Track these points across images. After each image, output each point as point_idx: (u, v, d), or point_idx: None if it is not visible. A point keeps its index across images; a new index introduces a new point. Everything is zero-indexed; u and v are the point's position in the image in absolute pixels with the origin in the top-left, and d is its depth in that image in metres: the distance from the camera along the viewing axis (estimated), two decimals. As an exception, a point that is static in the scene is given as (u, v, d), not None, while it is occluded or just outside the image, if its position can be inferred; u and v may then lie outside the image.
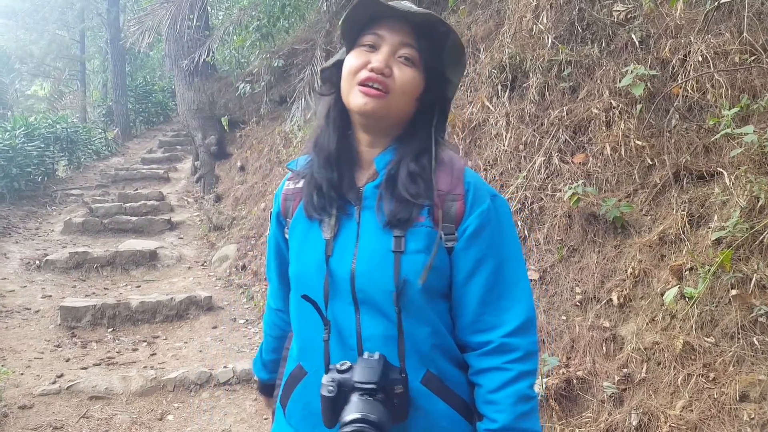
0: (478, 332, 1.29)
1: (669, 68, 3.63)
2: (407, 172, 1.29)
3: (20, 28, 18.77)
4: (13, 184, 9.28)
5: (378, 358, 1.23)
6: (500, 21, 5.22)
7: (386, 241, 1.27)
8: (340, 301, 1.29)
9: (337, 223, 1.31)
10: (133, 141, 15.85)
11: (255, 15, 9.56)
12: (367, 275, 1.27)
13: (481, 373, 1.28)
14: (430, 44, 1.31)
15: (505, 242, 1.32)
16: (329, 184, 1.33)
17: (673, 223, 3.11)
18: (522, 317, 1.28)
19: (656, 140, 3.52)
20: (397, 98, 1.28)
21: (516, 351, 1.26)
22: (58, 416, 3.72)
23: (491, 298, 1.29)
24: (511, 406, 1.24)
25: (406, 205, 1.27)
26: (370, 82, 1.26)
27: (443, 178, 1.31)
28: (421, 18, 1.27)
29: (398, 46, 1.29)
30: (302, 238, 1.37)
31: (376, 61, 1.27)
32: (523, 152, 4.17)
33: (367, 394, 1.19)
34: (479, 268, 1.28)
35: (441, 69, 1.34)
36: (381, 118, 1.30)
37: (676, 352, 2.71)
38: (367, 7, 1.27)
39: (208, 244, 8.23)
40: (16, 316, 5.34)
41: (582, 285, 3.35)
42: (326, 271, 1.30)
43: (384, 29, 1.29)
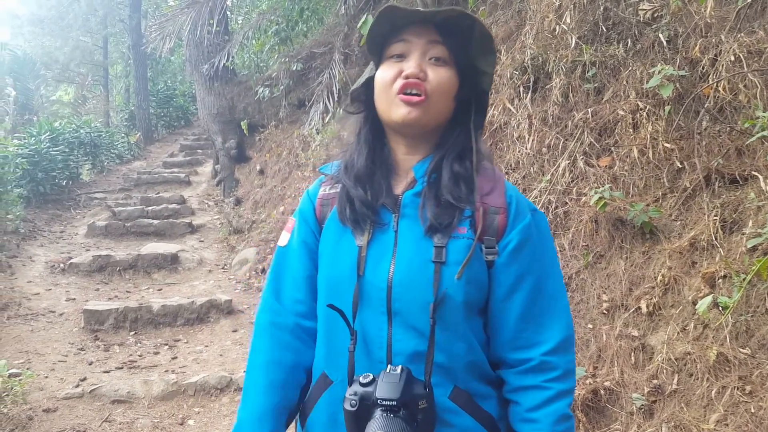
0: (518, 349, 1.27)
1: (698, 68, 3.52)
2: (450, 173, 1.27)
3: (46, 35, 19.07)
4: (38, 188, 9.40)
5: (400, 372, 1.17)
6: (521, 21, 5.15)
7: (427, 250, 1.24)
8: (371, 310, 1.25)
9: (371, 231, 1.28)
10: (155, 145, 15.99)
11: (274, 19, 9.58)
12: (405, 285, 1.23)
13: (520, 390, 1.26)
14: (458, 39, 1.27)
15: (545, 258, 1.30)
16: (361, 201, 1.30)
17: (705, 228, 3.01)
18: (562, 335, 1.27)
19: (686, 143, 3.42)
20: (435, 101, 1.26)
21: (556, 370, 1.25)
22: (81, 420, 3.73)
23: (532, 314, 1.27)
24: (551, 425, 1.22)
25: (449, 209, 1.24)
26: (409, 89, 1.24)
27: (485, 185, 1.29)
28: (444, 15, 1.24)
29: (427, 48, 1.26)
30: (334, 245, 1.32)
31: (409, 67, 1.25)
32: (546, 155, 4.09)
33: (389, 410, 1.14)
34: (520, 284, 1.26)
35: (472, 62, 1.30)
36: (424, 124, 1.28)
37: (709, 364, 2.62)
38: (388, 17, 1.25)
39: (228, 247, 8.25)
40: (41, 319, 5.38)
41: (609, 292, 3.26)
42: (357, 280, 1.26)
43: (409, 34, 1.27)
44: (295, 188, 7.91)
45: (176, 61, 19.46)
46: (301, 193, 7.51)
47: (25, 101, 14.35)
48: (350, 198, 1.31)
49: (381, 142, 1.36)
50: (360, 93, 1.39)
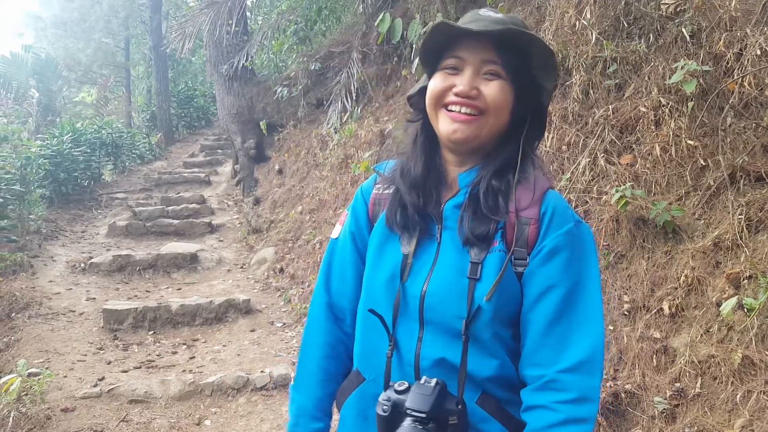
0: (534, 365, 1.21)
1: (723, 63, 3.43)
2: (488, 186, 1.25)
3: (69, 37, 19.32)
4: (60, 188, 9.52)
5: (434, 385, 1.17)
6: (541, 17, 5.07)
7: (463, 264, 1.23)
8: (406, 317, 1.26)
9: (417, 240, 1.28)
10: (176, 145, 16.12)
11: (293, 19, 9.59)
12: (437, 297, 1.23)
13: (529, 410, 1.20)
14: (515, 55, 1.24)
15: (582, 271, 1.22)
16: (414, 207, 1.29)
17: (729, 228, 2.92)
18: (584, 355, 1.17)
19: (709, 139, 3.33)
20: (490, 118, 1.24)
21: (569, 391, 1.15)
22: (99, 419, 3.75)
23: (555, 330, 1.19)
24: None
25: (484, 221, 1.23)
26: (456, 107, 1.23)
27: (524, 196, 1.25)
28: (498, 31, 1.20)
29: (481, 65, 1.24)
30: (378, 249, 1.33)
31: (461, 84, 1.22)
32: (566, 153, 4.02)
33: (419, 421, 1.14)
34: (546, 295, 1.21)
35: (531, 77, 1.27)
36: (472, 142, 1.26)
37: (734, 367, 2.54)
38: (443, 30, 1.24)
39: (247, 246, 8.28)
40: (61, 318, 5.44)
41: (630, 293, 3.19)
42: (399, 288, 1.27)
43: (464, 50, 1.24)
44: (313, 188, 7.91)
45: (197, 61, 19.63)
46: (319, 193, 7.52)
47: (48, 103, 14.55)
48: (403, 203, 1.30)
49: (435, 150, 1.34)
50: (418, 101, 1.37)
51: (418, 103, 1.37)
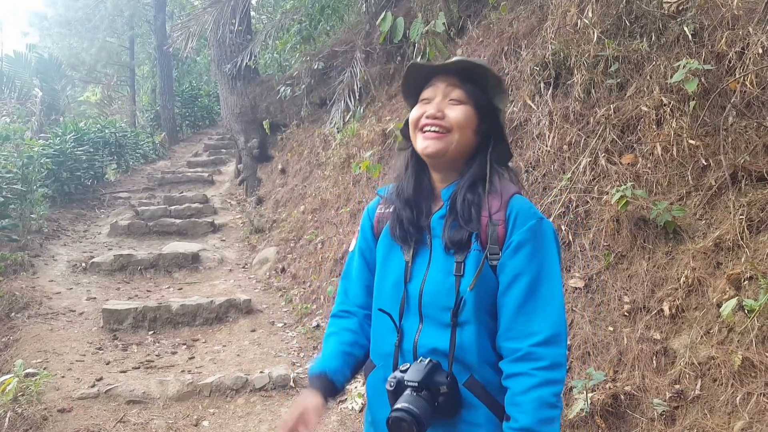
0: (510, 339, 1.46)
1: (725, 62, 3.39)
2: (463, 199, 1.52)
3: (73, 36, 19.33)
4: (63, 187, 9.53)
5: (427, 363, 1.46)
6: (543, 16, 5.04)
7: (449, 264, 1.50)
8: (409, 313, 1.56)
9: (414, 248, 1.57)
10: (180, 145, 16.15)
11: (296, 18, 9.57)
12: (431, 294, 1.51)
13: (510, 377, 1.44)
14: (475, 83, 1.55)
15: (544, 261, 1.48)
16: (408, 221, 1.57)
17: (730, 228, 2.89)
18: (552, 330, 1.43)
19: (711, 139, 3.29)
20: (455, 135, 1.51)
21: (542, 360, 1.41)
22: (96, 420, 3.74)
23: (525, 309, 1.45)
24: (534, 410, 1.38)
25: (460, 230, 1.50)
26: (428, 127, 1.52)
27: (494, 203, 1.51)
28: (459, 65, 1.53)
29: (448, 91, 1.54)
30: (384, 257, 1.63)
31: (430, 108, 1.53)
32: (567, 153, 3.98)
33: (413, 390, 1.43)
34: (516, 281, 1.46)
35: (489, 101, 1.56)
36: (442, 155, 1.53)
37: (734, 369, 2.51)
38: (417, 69, 1.58)
39: (249, 246, 8.27)
40: (61, 318, 5.43)
41: (631, 294, 3.16)
42: (404, 290, 1.56)
43: (436, 81, 1.57)
44: (315, 187, 7.89)
45: (202, 61, 19.64)
46: (321, 192, 7.49)
47: (51, 102, 14.57)
48: (400, 218, 1.59)
49: (424, 171, 1.63)
50: (404, 131, 1.66)
51: (406, 132, 1.65)
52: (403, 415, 1.39)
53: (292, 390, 4.20)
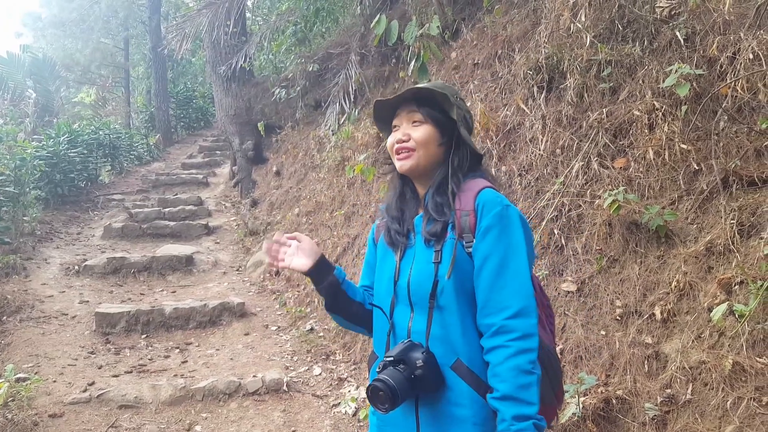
0: (486, 316, 1.60)
1: (716, 67, 3.40)
2: (432, 201, 1.76)
3: (67, 37, 19.25)
4: (56, 189, 9.48)
5: (406, 342, 1.66)
6: (536, 20, 5.05)
7: (429, 255, 1.70)
8: (402, 304, 1.75)
9: (402, 250, 1.79)
10: (174, 146, 16.11)
11: (292, 20, 9.56)
12: (417, 283, 1.70)
13: (489, 351, 1.58)
14: (430, 104, 1.80)
15: (511, 241, 1.63)
16: (395, 231, 1.83)
17: (722, 232, 2.89)
18: (521, 304, 1.57)
19: (703, 143, 3.30)
20: (421, 151, 1.77)
21: (515, 331, 1.54)
22: (87, 425, 3.72)
23: (496, 286, 1.60)
24: (512, 377, 1.51)
25: (435, 224, 1.71)
26: (400, 151, 1.79)
27: (463, 199, 1.70)
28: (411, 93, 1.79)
29: (409, 117, 1.81)
30: (381, 260, 1.87)
31: (396, 135, 1.80)
32: (560, 156, 3.99)
33: (391, 364, 1.61)
34: (487, 261, 1.62)
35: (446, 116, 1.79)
36: (415, 170, 1.78)
37: (724, 373, 2.51)
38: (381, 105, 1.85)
39: (243, 248, 8.25)
40: (53, 322, 5.41)
41: (623, 298, 3.16)
42: (394, 286, 1.77)
43: (400, 110, 1.83)
44: (310, 190, 7.88)
45: (197, 62, 19.60)
46: (316, 195, 7.48)
47: (45, 103, 14.51)
48: (388, 228, 1.85)
49: (408, 183, 1.88)
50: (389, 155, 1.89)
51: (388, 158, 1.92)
52: (380, 384, 1.56)
53: (285, 394, 4.20)
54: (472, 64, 5.62)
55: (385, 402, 1.56)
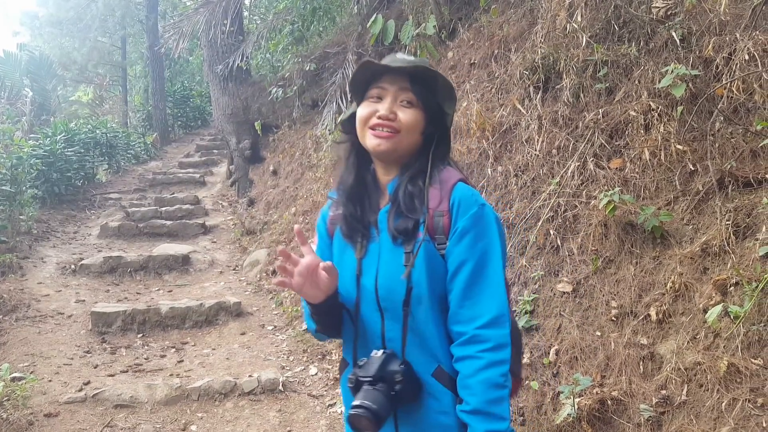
0: (457, 323, 1.51)
1: (712, 67, 3.41)
2: (404, 192, 1.56)
3: (64, 35, 19.21)
4: (53, 188, 9.45)
5: (381, 354, 1.52)
6: (533, 20, 5.05)
7: (399, 257, 1.53)
8: (369, 309, 1.58)
9: (364, 245, 1.60)
10: (172, 145, 16.08)
11: (288, 19, 9.55)
12: (386, 288, 1.54)
13: (459, 360, 1.49)
14: (425, 87, 1.59)
15: (487, 246, 1.52)
16: (352, 217, 1.62)
17: (717, 233, 2.90)
18: (494, 312, 1.48)
19: (698, 144, 3.31)
20: (404, 136, 1.57)
21: (487, 342, 1.46)
22: (83, 425, 3.71)
23: (470, 294, 1.50)
24: (483, 391, 1.43)
25: (405, 220, 1.54)
26: (380, 127, 1.55)
27: (434, 195, 1.56)
28: (413, 68, 1.56)
29: (398, 93, 1.57)
30: (340, 257, 1.65)
31: (383, 109, 1.56)
32: (556, 157, 3.99)
33: (369, 384, 1.48)
34: (462, 267, 1.51)
35: (437, 105, 1.61)
36: (392, 154, 1.58)
37: (719, 374, 2.52)
38: (368, 67, 1.57)
39: (240, 248, 8.23)
40: (49, 321, 5.39)
41: (618, 299, 3.16)
42: (357, 286, 1.59)
43: (385, 82, 1.58)
44: (307, 189, 7.87)
45: (194, 61, 19.56)
46: (312, 194, 7.47)
47: (42, 102, 14.48)
48: (345, 215, 1.62)
49: (366, 163, 1.67)
50: (346, 125, 1.68)
51: (346, 126, 1.69)
52: (360, 411, 1.44)
53: (281, 394, 4.19)
54: (468, 63, 5.62)
55: (368, 428, 1.46)
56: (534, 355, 3.32)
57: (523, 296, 3.58)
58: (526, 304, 3.52)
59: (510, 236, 3.95)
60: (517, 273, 3.76)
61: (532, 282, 3.63)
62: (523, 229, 3.90)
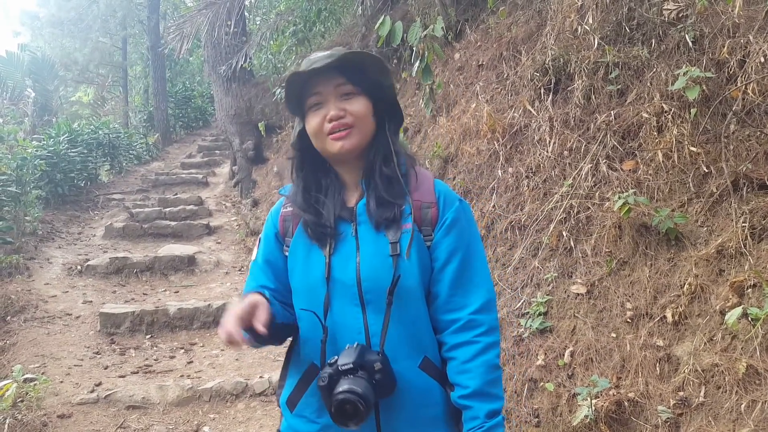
0: (449, 311, 1.54)
1: (726, 70, 3.41)
2: (380, 175, 1.56)
3: (65, 36, 19.23)
4: (57, 189, 9.45)
5: (356, 346, 1.47)
6: (542, 22, 5.06)
7: (383, 246, 1.52)
8: (345, 304, 1.52)
9: (333, 243, 1.55)
10: (173, 146, 16.07)
11: (291, 20, 9.55)
12: (372, 279, 1.51)
13: (455, 347, 1.52)
14: (356, 72, 1.54)
15: (471, 237, 1.60)
16: (315, 222, 1.56)
17: (733, 235, 2.91)
18: (485, 298, 1.55)
19: (712, 146, 3.31)
20: (360, 126, 1.54)
21: (481, 326, 1.51)
22: (96, 426, 3.72)
23: (461, 282, 1.54)
24: (483, 374, 1.48)
25: (389, 206, 1.53)
26: (336, 129, 1.52)
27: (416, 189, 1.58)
28: (337, 60, 1.49)
29: (336, 90, 1.53)
30: (305, 256, 1.58)
31: (329, 110, 1.52)
32: (568, 159, 4.00)
33: (350, 373, 1.42)
34: (452, 257, 1.55)
35: (375, 82, 1.58)
36: (356, 149, 1.55)
37: (738, 376, 2.52)
38: (295, 80, 1.53)
39: (245, 249, 8.23)
40: (57, 322, 5.39)
41: (633, 300, 3.17)
42: (326, 285, 1.53)
43: (318, 86, 1.54)
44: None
45: (195, 62, 19.58)
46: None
47: (44, 102, 14.47)
48: (305, 222, 1.58)
49: (325, 170, 1.63)
50: (296, 143, 1.63)
51: (297, 144, 1.64)
52: (347, 396, 1.38)
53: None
54: (476, 65, 5.63)
55: (355, 416, 1.39)
56: (549, 357, 3.32)
57: (537, 298, 3.59)
58: (540, 306, 3.53)
59: (522, 238, 3.96)
60: (530, 274, 3.77)
61: (545, 284, 3.64)
62: (535, 231, 3.91)
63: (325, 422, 1.53)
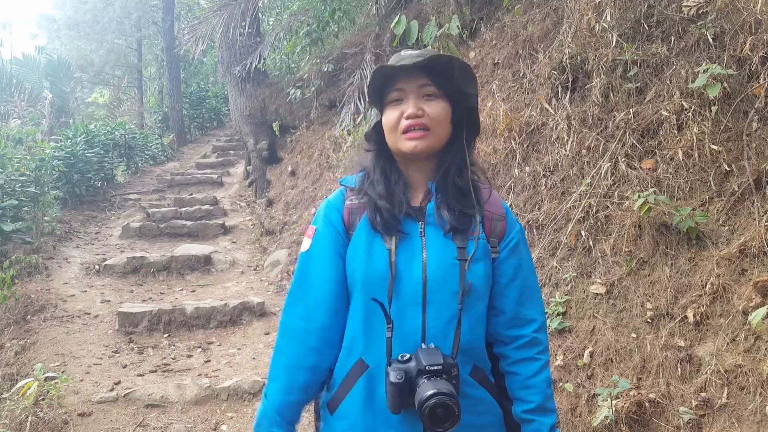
0: (515, 327, 1.60)
1: (747, 67, 3.37)
2: (454, 186, 1.57)
3: (81, 38, 19.43)
4: (74, 189, 9.55)
5: (435, 347, 1.46)
6: (558, 19, 5.02)
7: (451, 250, 1.52)
8: (405, 302, 1.49)
9: (397, 237, 1.52)
10: (188, 146, 16.16)
11: (305, 20, 9.57)
12: (438, 279, 1.49)
13: (519, 363, 1.59)
14: (442, 74, 1.54)
15: (530, 258, 1.68)
16: (387, 212, 1.54)
17: (756, 234, 2.87)
18: (543, 317, 1.65)
19: (734, 144, 3.27)
20: (436, 129, 1.54)
21: (541, 344, 1.61)
22: (116, 424, 3.75)
23: (524, 299, 1.61)
24: (544, 390, 1.57)
25: (464, 217, 1.55)
26: (412, 128, 1.52)
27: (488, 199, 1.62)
28: (426, 60, 1.49)
29: (419, 90, 1.53)
30: (367, 248, 1.54)
31: (408, 108, 1.52)
32: (586, 157, 3.97)
33: (435, 375, 1.40)
34: (518, 274, 1.60)
35: (459, 89, 1.57)
36: (429, 152, 1.55)
37: (762, 377, 2.49)
38: (382, 73, 1.54)
39: (260, 248, 8.26)
40: (76, 321, 5.44)
41: (653, 300, 3.14)
42: (390, 278, 1.49)
43: (402, 82, 1.54)
44: (326, 190, 7.88)
45: (209, 62, 19.65)
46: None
47: (61, 104, 14.60)
48: (379, 208, 1.55)
49: (395, 167, 1.62)
50: (371, 134, 1.65)
51: (372, 136, 1.65)
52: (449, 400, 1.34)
53: None
54: (492, 63, 5.60)
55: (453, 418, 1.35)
56: (567, 357, 3.30)
57: (555, 297, 3.57)
58: (559, 306, 3.51)
59: (540, 237, 3.94)
60: (548, 274, 3.75)
61: (563, 283, 3.62)
62: (553, 230, 3.89)
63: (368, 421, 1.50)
